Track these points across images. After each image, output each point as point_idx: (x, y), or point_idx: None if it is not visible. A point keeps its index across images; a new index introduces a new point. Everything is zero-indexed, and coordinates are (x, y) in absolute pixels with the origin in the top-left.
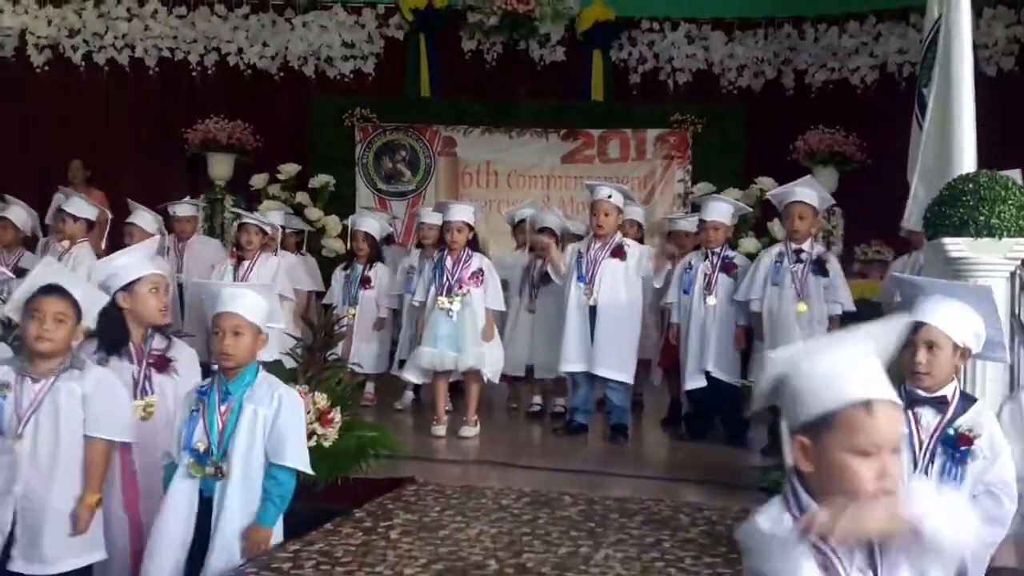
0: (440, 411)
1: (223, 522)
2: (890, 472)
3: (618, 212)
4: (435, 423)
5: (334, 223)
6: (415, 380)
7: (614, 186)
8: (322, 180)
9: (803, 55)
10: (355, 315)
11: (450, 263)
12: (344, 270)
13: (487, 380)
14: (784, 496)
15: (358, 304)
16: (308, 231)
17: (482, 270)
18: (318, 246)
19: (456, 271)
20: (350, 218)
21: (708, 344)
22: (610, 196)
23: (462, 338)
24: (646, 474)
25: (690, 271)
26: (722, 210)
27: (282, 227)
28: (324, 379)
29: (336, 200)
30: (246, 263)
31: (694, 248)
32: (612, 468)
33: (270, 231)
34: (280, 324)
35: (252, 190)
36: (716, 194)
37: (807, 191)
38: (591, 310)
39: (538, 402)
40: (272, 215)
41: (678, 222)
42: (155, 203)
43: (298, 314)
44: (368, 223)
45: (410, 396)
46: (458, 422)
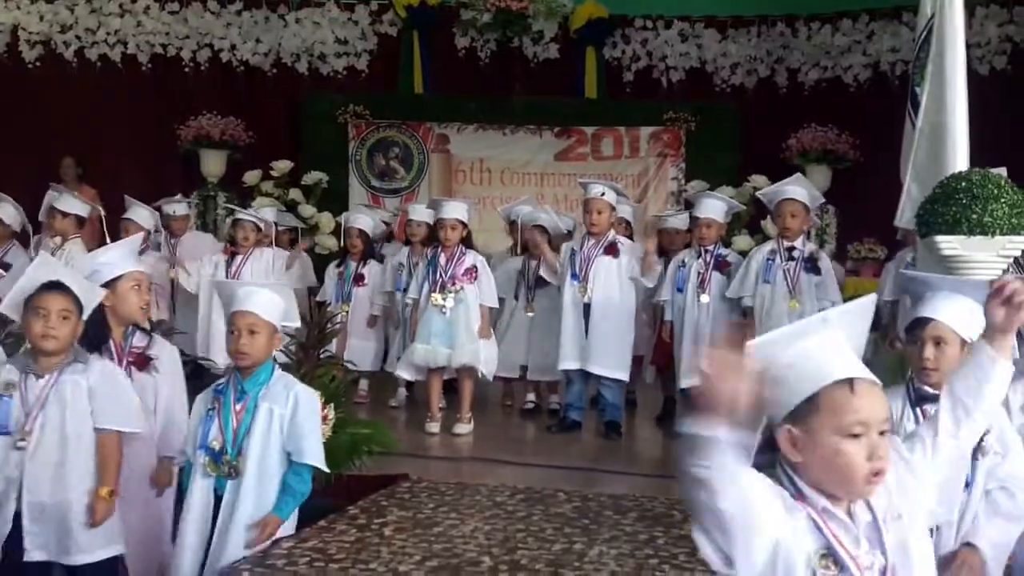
0: (434, 408)
1: (234, 522)
2: (880, 453)
3: (611, 209)
4: (429, 420)
5: (327, 220)
6: (408, 377)
7: (607, 184)
8: (315, 177)
9: (796, 53)
10: (348, 312)
11: (443, 260)
12: (338, 267)
13: (482, 377)
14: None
15: (351, 301)
16: (301, 228)
17: (476, 267)
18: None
19: (450, 268)
20: (343, 215)
21: (702, 342)
22: (603, 194)
23: (456, 335)
24: (640, 471)
25: (683, 269)
26: (715, 207)
27: (275, 224)
28: (318, 376)
29: (329, 197)
30: (239, 258)
31: (685, 246)
32: (606, 465)
33: (263, 227)
34: (296, 323)
35: (245, 187)
36: (709, 191)
37: (798, 189)
38: (585, 308)
39: (532, 399)
40: (265, 212)
41: (668, 220)
42: (148, 199)
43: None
44: (362, 220)
45: (404, 393)
46: (452, 419)
